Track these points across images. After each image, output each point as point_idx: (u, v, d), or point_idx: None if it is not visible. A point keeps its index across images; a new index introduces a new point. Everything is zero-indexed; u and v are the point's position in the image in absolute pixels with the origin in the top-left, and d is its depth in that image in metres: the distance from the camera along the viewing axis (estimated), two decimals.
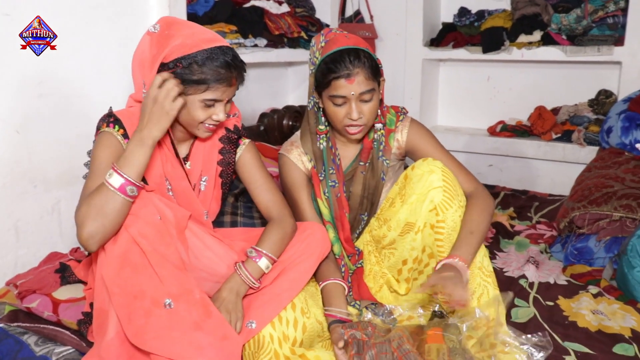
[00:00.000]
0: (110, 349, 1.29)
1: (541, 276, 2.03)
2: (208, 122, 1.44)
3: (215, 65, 1.37)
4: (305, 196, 1.70)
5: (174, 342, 1.26)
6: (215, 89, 1.38)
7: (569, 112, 3.29)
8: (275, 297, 1.47)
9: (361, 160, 1.71)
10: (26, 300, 1.64)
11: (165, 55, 1.36)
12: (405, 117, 1.74)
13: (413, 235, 1.58)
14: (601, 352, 1.54)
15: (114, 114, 1.45)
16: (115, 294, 1.27)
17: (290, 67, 3.61)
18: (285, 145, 1.77)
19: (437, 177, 1.52)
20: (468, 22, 3.41)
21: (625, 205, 2.09)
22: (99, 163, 1.38)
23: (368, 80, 1.53)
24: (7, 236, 1.91)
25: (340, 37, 1.58)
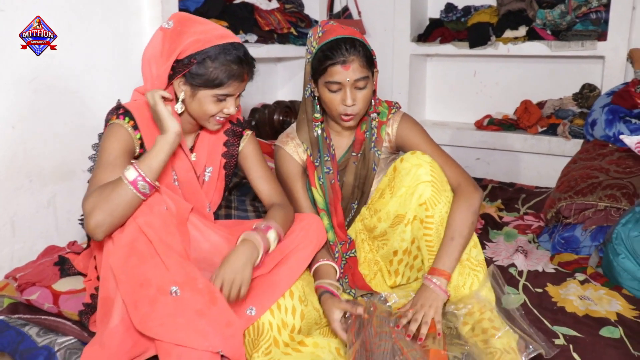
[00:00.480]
0: (113, 335, 1.31)
1: (530, 265, 2.09)
2: (219, 115, 1.48)
3: (228, 60, 1.40)
4: (300, 187, 1.74)
5: (179, 329, 1.30)
6: (227, 85, 1.42)
7: (554, 106, 3.36)
8: (274, 285, 1.50)
9: (353, 151, 1.75)
10: (26, 292, 1.66)
11: (180, 51, 1.39)
12: (398, 112, 1.78)
13: (403, 227, 1.62)
14: (589, 335, 1.59)
15: (122, 106, 1.47)
16: (123, 281, 1.29)
17: (279, 63, 3.65)
18: (281, 137, 1.80)
19: (424, 171, 1.57)
20: (455, 17, 3.46)
21: (610, 195, 2.16)
22: (107, 154, 1.40)
23: (363, 68, 1.57)
24: (4, 230, 1.92)
25: (337, 27, 1.63)
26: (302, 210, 1.73)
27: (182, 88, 1.45)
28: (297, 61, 3.56)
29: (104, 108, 2.13)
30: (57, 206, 2.07)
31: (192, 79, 1.42)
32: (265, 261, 1.52)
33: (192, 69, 1.40)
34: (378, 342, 1.38)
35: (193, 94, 1.44)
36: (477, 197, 1.62)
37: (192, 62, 1.39)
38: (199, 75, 1.40)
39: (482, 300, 1.52)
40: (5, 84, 1.87)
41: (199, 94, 1.43)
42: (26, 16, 1.89)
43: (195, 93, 1.43)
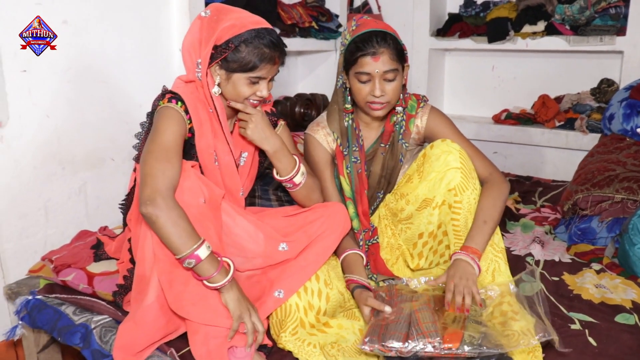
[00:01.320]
0: (147, 313, 1.39)
1: (546, 255, 2.12)
2: (252, 98, 1.54)
3: (262, 43, 1.47)
4: (328, 174, 1.79)
5: (209, 309, 1.37)
6: (261, 68, 1.48)
7: (571, 101, 3.38)
8: (301, 269, 1.57)
9: (382, 142, 1.81)
10: (62, 274, 1.74)
11: (217, 37, 1.46)
12: (426, 105, 1.85)
13: (430, 210, 1.67)
14: (604, 321, 1.63)
15: (171, 91, 1.54)
16: (161, 259, 1.37)
17: (300, 57, 3.70)
18: (311, 125, 1.86)
19: (454, 158, 1.62)
20: (474, 12, 3.49)
21: (626, 187, 2.19)
22: (167, 138, 1.43)
23: (392, 60, 1.63)
24: (38, 216, 2.00)
25: (370, 21, 1.69)
26: (329, 197, 1.79)
27: (218, 72, 1.52)
28: (318, 55, 3.61)
29: (133, 97, 2.23)
30: (87, 193, 2.15)
31: (227, 64, 1.49)
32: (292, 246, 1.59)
33: (227, 55, 1.46)
34: (396, 314, 1.44)
35: (228, 77, 1.51)
36: (506, 187, 1.70)
37: (229, 46, 1.46)
38: (234, 60, 1.47)
39: (502, 285, 1.57)
40: (42, 75, 1.94)
41: (233, 77, 1.50)
42: (62, 8, 1.96)
43: (230, 76, 1.51)
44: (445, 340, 1.33)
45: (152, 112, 1.57)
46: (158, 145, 1.42)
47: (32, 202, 1.98)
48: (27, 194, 1.96)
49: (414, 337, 1.34)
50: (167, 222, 1.32)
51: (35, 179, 1.97)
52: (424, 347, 1.33)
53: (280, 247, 1.58)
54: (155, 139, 1.44)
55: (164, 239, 1.34)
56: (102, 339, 1.52)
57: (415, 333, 1.35)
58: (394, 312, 1.45)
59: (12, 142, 1.90)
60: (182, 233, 1.33)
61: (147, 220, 1.34)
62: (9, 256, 1.92)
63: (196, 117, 1.53)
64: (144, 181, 1.36)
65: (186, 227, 1.34)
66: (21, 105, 1.90)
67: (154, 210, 1.32)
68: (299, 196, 1.70)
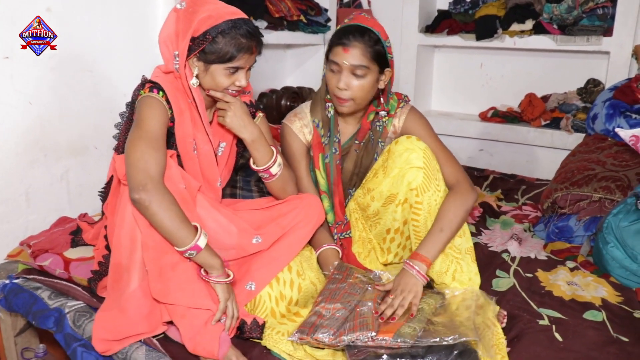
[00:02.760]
0: (131, 299, 1.42)
1: (523, 252, 2.15)
2: (231, 88, 1.56)
3: (239, 33, 1.48)
4: (303, 166, 1.81)
5: (195, 293, 1.40)
6: (238, 58, 1.50)
7: (558, 100, 3.41)
8: (273, 261, 1.59)
9: (357, 139, 1.82)
10: (39, 259, 1.76)
11: (194, 29, 1.48)
12: (406, 105, 1.84)
13: (394, 207, 1.70)
14: (572, 318, 1.65)
15: (151, 80, 1.55)
16: (150, 247, 1.39)
17: (288, 50, 3.71)
18: (288, 115, 1.87)
19: (417, 157, 1.64)
20: (463, 9, 3.51)
21: (604, 187, 2.21)
22: (152, 127, 1.45)
23: (363, 57, 1.63)
24: (19, 201, 2.01)
25: (361, 17, 1.70)
26: (304, 188, 1.80)
27: (196, 64, 1.53)
28: (306, 48, 3.62)
29: (117, 87, 2.24)
30: (69, 180, 2.16)
31: (205, 55, 1.50)
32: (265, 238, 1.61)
33: (205, 46, 1.48)
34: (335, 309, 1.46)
35: (206, 69, 1.53)
36: (472, 198, 1.68)
37: (207, 38, 1.47)
38: (212, 52, 1.49)
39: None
40: (24, 61, 1.95)
41: (211, 68, 1.52)
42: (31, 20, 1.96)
43: (208, 67, 1.52)
44: (381, 332, 1.35)
45: (132, 102, 1.58)
46: (146, 133, 1.44)
47: (13, 188, 1.98)
48: (8, 180, 1.96)
49: (345, 332, 1.36)
50: (160, 208, 1.34)
51: (17, 165, 1.98)
52: (355, 341, 1.35)
53: (254, 240, 1.60)
54: (142, 126, 1.46)
55: (157, 225, 1.36)
56: (76, 324, 1.55)
57: (348, 328, 1.37)
58: (333, 308, 1.46)
59: None
60: (175, 218, 1.35)
61: (139, 206, 1.36)
62: None
63: (176, 106, 1.55)
64: (134, 167, 1.37)
65: (178, 213, 1.37)
66: (3, 91, 1.90)
67: (147, 196, 1.33)
68: (275, 188, 1.71)
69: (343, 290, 1.53)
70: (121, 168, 1.44)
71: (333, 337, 1.35)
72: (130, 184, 1.36)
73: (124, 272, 1.42)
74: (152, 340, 1.45)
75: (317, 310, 1.46)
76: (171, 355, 1.43)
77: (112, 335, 1.43)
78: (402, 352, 1.33)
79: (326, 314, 1.43)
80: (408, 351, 1.33)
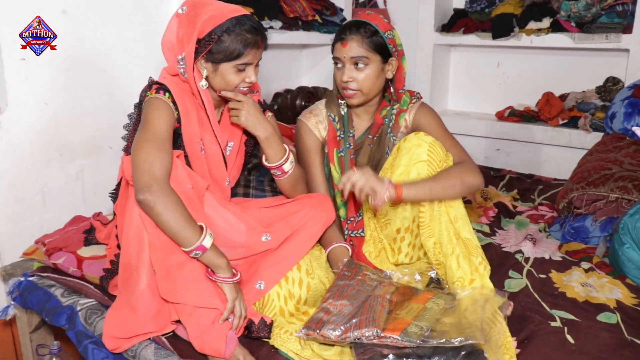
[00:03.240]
0: (141, 299, 1.43)
1: (537, 252, 2.12)
2: (242, 85, 1.58)
3: (244, 30, 1.50)
4: (317, 161, 1.83)
5: (202, 292, 1.41)
6: (246, 54, 1.52)
7: (576, 99, 3.35)
8: (283, 260, 1.59)
9: (370, 134, 1.85)
10: (53, 257, 1.79)
11: (199, 31, 1.49)
12: (418, 101, 1.87)
13: (403, 205, 1.69)
14: (585, 319, 1.62)
15: (158, 82, 1.57)
16: (157, 248, 1.40)
17: (304, 50, 3.71)
18: (304, 112, 1.90)
19: (422, 151, 1.63)
20: (479, 8, 3.47)
21: (621, 186, 2.17)
22: (158, 129, 1.47)
23: (361, 48, 1.69)
24: (35, 200, 2.05)
25: (361, 14, 1.76)
26: (317, 184, 1.82)
27: (204, 66, 1.55)
28: (322, 48, 3.62)
29: (131, 87, 2.26)
30: (84, 179, 2.19)
31: (212, 55, 1.51)
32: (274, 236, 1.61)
33: (212, 47, 1.49)
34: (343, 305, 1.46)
35: (215, 69, 1.54)
36: (476, 174, 1.67)
37: (212, 38, 1.48)
38: (219, 51, 1.50)
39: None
40: (40, 63, 1.98)
41: (220, 67, 1.53)
42: None
43: (217, 67, 1.54)
44: (387, 330, 1.34)
45: (139, 103, 1.60)
46: (152, 134, 1.45)
47: (29, 187, 2.02)
48: (24, 179, 2.00)
49: (352, 329, 1.35)
50: (164, 209, 1.35)
51: (32, 164, 2.02)
52: (361, 338, 1.34)
53: (263, 237, 1.61)
54: (149, 127, 1.47)
55: (163, 225, 1.37)
56: (87, 321, 1.57)
57: (355, 324, 1.36)
58: (341, 304, 1.46)
59: (11, 128, 1.94)
60: (180, 219, 1.36)
61: (144, 207, 1.37)
62: (6, 239, 1.97)
63: (183, 107, 1.56)
64: (139, 168, 1.38)
65: (183, 213, 1.37)
66: (20, 92, 1.94)
67: (151, 197, 1.34)
68: (286, 186, 1.72)
69: (351, 287, 1.53)
70: (128, 169, 1.45)
71: (339, 333, 1.35)
72: (135, 185, 1.38)
73: (133, 271, 1.44)
74: (160, 338, 1.46)
75: (324, 307, 1.45)
76: (179, 354, 1.44)
77: (122, 333, 1.44)
78: (409, 352, 1.32)
79: (333, 310, 1.43)
80: (414, 351, 1.32)
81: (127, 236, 1.45)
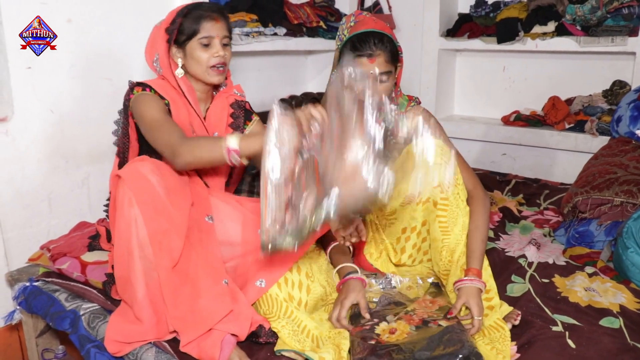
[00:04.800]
0: (143, 310, 1.46)
1: (541, 257, 2.11)
2: (212, 62, 1.65)
3: (199, 9, 1.65)
4: None
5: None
6: (203, 26, 1.63)
7: (582, 103, 3.33)
8: (282, 259, 1.60)
9: None
10: (58, 262, 1.81)
11: (165, 22, 1.64)
12: (417, 106, 1.86)
13: (414, 206, 1.68)
14: (587, 324, 1.61)
15: (139, 82, 1.67)
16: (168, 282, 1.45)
17: (309, 56, 3.73)
18: None
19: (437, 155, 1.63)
20: (484, 12, 3.47)
21: (626, 190, 2.16)
22: (157, 116, 1.57)
23: (387, 63, 1.67)
24: (41, 207, 2.08)
25: (369, 20, 1.73)
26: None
27: (178, 55, 1.67)
28: (326, 54, 3.64)
29: None
30: (90, 186, 2.22)
31: (177, 41, 1.64)
32: None
33: (176, 35, 1.62)
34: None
35: (184, 52, 1.65)
36: (489, 202, 1.77)
37: (175, 21, 1.62)
38: (181, 34, 1.63)
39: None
40: (46, 71, 2.02)
41: (187, 49, 1.64)
42: (66, 7, 2.03)
43: (185, 50, 1.65)
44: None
45: (124, 108, 1.68)
46: (151, 122, 1.56)
47: (35, 194, 2.05)
48: (31, 186, 2.03)
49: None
50: (194, 156, 1.45)
51: (39, 171, 2.05)
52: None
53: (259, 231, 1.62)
54: (151, 122, 1.56)
55: (203, 164, 1.52)
56: (90, 325, 1.59)
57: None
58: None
59: (17, 135, 1.98)
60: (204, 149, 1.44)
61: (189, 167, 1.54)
62: (13, 244, 2.00)
63: (168, 97, 1.66)
64: (162, 152, 1.52)
65: (207, 141, 1.47)
66: (26, 100, 1.98)
67: (183, 160, 1.45)
68: None
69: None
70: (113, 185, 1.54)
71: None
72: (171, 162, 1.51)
73: (126, 283, 1.47)
74: (161, 342, 1.48)
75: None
76: (180, 357, 1.45)
77: (123, 338, 1.46)
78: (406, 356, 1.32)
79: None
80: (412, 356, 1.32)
81: (117, 249, 1.49)
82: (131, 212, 1.41)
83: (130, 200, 1.40)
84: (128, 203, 1.40)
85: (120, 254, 1.46)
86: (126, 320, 1.48)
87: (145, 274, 1.43)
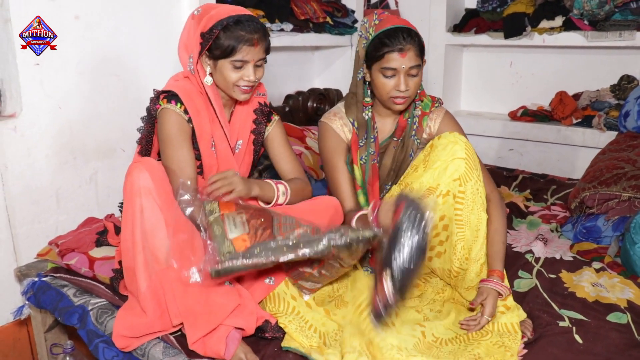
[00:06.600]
0: (146, 300, 1.47)
1: (548, 252, 2.10)
2: (241, 83, 1.62)
3: (240, 27, 1.56)
4: (342, 162, 1.83)
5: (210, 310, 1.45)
6: (240, 50, 1.57)
7: (590, 98, 3.32)
8: None
9: (395, 136, 1.85)
10: (66, 257, 1.82)
11: (202, 26, 1.57)
12: (441, 107, 1.88)
13: (434, 198, 1.68)
14: (595, 319, 1.61)
15: (166, 91, 1.64)
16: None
17: (316, 52, 3.73)
18: (327, 115, 1.89)
19: (460, 148, 1.63)
20: (491, 7, 3.45)
21: (634, 185, 2.15)
22: (172, 140, 1.61)
23: (417, 56, 1.69)
24: (49, 202, 2.09)
25: (393, 17, 1.74)
26: (338, 186, 1.81)
27: (208, 63, 1.62)
28: (333, 50, 3.63)
29: (144, 90, 2.30)
30: (98, 182, 2.23)
31: (212, 53, 1.58)
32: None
33: (211, 44, 1.56)
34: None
35: (215, 66, 1.61)
36: (504, 204, 1.81)
37: (213, 32, 1.55)
38: (217, 47, 1.57)
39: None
40: (54, 67, 2.02)
41: (218, 64, 1.60)
42: (74, 3, 2.04)
43: (216, 64, 1.60)
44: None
45: (148, 116, 1.68)
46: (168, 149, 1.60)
47: (44, 189, 2.06)
48: (39, 182, 2.04)
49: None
50: None
51: (47, 167, 2.06)
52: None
53: None
54: (168, 144, 1.61)
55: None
56: (98, 320, 1.60)
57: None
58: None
59: (26, 131, 1.99)
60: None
61: None
62: (21, 240, 2.02)
63: (193, 108, 1.63)
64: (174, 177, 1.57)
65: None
66: (34, 96, 1.98)
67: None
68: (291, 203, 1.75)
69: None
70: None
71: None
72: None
73: (132, 275, 1.48)
74: (169, 337, 1.49)
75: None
76: (187, 352, 1.46)
77: (131, 333, 1.47)
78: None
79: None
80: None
81: (124, 240, 1.50)
82: (136, 203, 1.43)
83: (138, 191, 1.43)
84: (136, 193, 1.43)
85: (126, 245, 1.48)
86: (133, 314, 1.49)
87: (147, 266, 1.45)
